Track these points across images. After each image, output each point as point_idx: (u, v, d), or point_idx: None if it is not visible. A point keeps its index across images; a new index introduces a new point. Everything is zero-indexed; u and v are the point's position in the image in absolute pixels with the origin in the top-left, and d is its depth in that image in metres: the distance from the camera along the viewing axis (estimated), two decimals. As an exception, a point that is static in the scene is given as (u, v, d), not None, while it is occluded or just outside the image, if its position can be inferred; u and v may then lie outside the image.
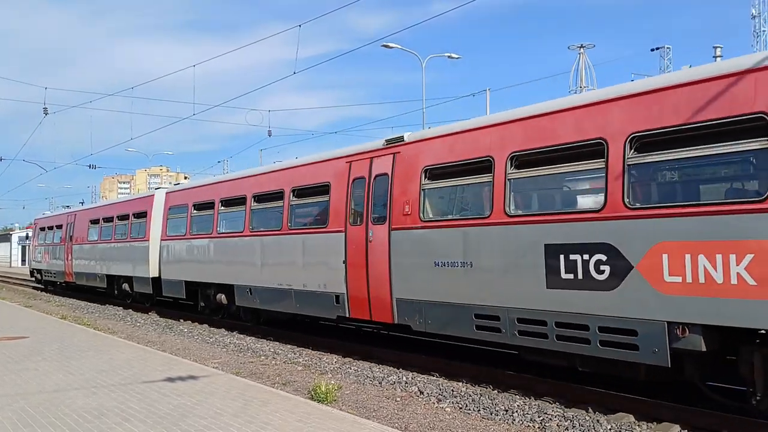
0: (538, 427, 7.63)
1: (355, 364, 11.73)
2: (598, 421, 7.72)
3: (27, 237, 39.88)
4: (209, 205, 17.70)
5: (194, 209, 18.51)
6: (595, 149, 8.20)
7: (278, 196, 14.57)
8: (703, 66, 7.83)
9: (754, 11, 59.09)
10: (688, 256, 7.11)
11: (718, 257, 6.84)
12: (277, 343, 14.46)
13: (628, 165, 7.79)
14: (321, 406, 7.98)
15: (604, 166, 8.03)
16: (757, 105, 6.73)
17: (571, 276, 8.29)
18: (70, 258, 29.25)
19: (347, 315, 12.26)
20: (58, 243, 31.29)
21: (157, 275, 20.54)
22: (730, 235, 6.77)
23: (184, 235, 18.75)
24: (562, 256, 8.39)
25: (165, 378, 9.37)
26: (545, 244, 8.57)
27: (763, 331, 6.92)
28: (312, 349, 13.44)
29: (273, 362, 12.02)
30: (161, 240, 20.30)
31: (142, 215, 21.94)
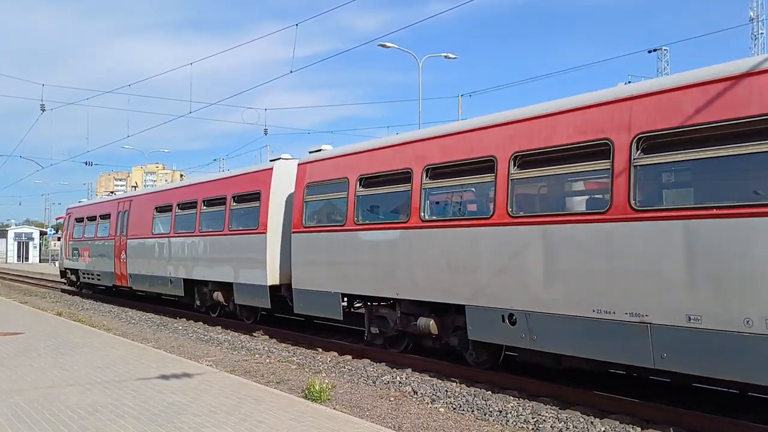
0: (532, 429, 7.64)
1: (349, 363, 11.75)
2: (592, 422, 7.74)
3: (57, 230, 33.15)
4: (400, 178, 11.28)
5: (362, 185, 12.17)
6: None
7: (591, 151, 8.27)
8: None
9: (752, 14, 59.30)
10: None
11: None
12: (272, 341, 14.46)
13: None
14: (315, 404, 7.99)
15: None
16: None
17: None
18: (123, 256, 22.57)
19: None
20: (105, 237, 24.51)
21: (277, 282, 14.82)
22: None
23: (343, 225, 12.47)
24: None
25: (159, 375, 9.37)
26: None
27: None
28: (306, 348, 13.45)
29: (267, 361, 12.03)
30: (292, 232, 13.90)
31: (252, 198, 15.82)
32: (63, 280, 31.27)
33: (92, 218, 26.43)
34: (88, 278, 26.80)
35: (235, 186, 16.76)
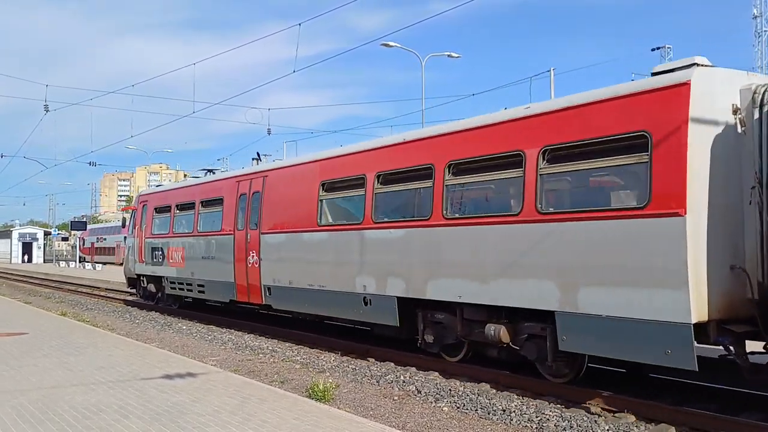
0: (536, 428, 7.64)
1: (352, 362, 11.75)
2: (596, 421, 7.73)
3: (124, 223, 25.45)
4: None
5: None
6: None
7: None
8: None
9: (755, 11, 59.30)
10: None
11: None
12: (275, 341, 14.47)
13: None
14: (318, 404, 8.00)
15: None
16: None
17: None
18: (252, 259, 15.30)
19: None
20: (216, 232, 17.07)
21: (706, 317, 7.41)
22: None
23: None
24: None
25: (163, 375, 9.38)
26: None
27: None
28: (310, 347, 13.46)
29: (271, 360, 12.04)
30: None
31: (623, 146, 8.13)
32: (130, 289, 24.10)
33: (187, 206, 19.00)
34: (181, 289, 19.18)
35: (557, 128, 8.90)
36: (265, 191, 15.14)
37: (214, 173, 19.71)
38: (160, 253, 20.17)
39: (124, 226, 24.85)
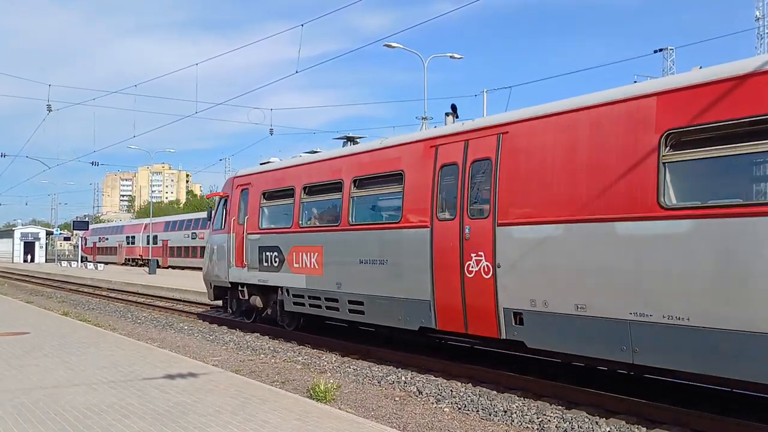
0: (537, 429, 7.64)
1: (354, 363, 11.76)
2: (597, 422, 7.73)
3: (209, 216, 18.80)
4: None
5: None
6: None
7: None
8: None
9: (758, 13, 59.29)
10: None
11: None
12: (277, 341, 14.48)
13: None
14: (319, 404, 8.00)
15: None
16: None
17: None
18: (479, 264, 9.52)
19: None
20: (391, 224, 11.44)
21: None
22: None
23: None
24: None
25: (165, 375, 9.39)
26: None
27: None
28: (311, 348, 13.46)
29: (272, 360, 12.05)
30: None
31: None
32: (215, 302, 18.38)
33: (326, 187, 13.39)
34: (315, 305, 13.39)
35: None
36: (504, 157, 9.48)
37: (357, 142, 14.01)
38: (276, 254, 14.53)
39: (209, 219, 18.45)
